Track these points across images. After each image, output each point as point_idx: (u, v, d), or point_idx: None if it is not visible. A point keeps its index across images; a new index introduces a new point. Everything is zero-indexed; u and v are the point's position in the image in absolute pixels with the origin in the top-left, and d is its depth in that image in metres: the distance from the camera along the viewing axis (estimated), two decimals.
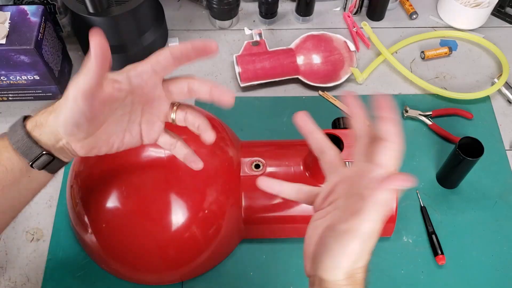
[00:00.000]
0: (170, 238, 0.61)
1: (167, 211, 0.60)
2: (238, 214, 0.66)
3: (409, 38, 0.94)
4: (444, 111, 0.85)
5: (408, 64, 0.92)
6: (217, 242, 0.65)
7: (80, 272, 0.70)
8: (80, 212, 0.63)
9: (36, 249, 0.72)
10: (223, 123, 0.72)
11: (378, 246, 0.72)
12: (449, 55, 0.93)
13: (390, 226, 0.69)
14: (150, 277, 0.66)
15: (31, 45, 0.74)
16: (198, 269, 0.68)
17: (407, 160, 0.80)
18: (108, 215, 0.60)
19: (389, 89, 0.89)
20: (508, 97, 0.88)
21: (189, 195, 0.61)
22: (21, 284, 0.69)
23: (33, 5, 0.78)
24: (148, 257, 0.62)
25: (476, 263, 0.72)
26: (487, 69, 0.92)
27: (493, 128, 0.84)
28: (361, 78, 0.88)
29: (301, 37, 0.90)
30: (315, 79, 0.87)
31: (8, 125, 0.51)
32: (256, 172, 0.66)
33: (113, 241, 0.62)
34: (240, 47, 0.89)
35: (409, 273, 0.71)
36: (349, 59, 0.89)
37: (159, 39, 0.91)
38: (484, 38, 0.94)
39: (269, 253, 0.71)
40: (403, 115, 0.84)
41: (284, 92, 0.88)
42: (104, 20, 0.80)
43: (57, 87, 0.83)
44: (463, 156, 0.70)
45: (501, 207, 0.76)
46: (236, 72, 0.87)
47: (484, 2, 0.94)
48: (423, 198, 0.76)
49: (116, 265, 0.66)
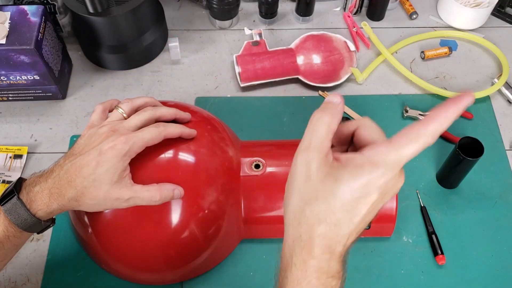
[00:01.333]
0: (170, 238, 0.61)
1: (167, 211, 0.60)
2: (238, 214, 0.66)
3: (409, 38, 0.94)
4: None
5: (408, 64, 0.92)
6: (217, 242, 0.65)
7: (80, 272, 0.70)
8: (80, 212, 0.63)
9: (36, 249, 0.72)
10: (223, 123, 0.72)
11: (378, 246, 0.73)
12: (449, 55, 0.93)
13: (390, 226, 0.69)
14: (150, 277, 0.66)
15: (31, 45, 0.74)
16: (198, 269, 0.67)
17: None
18: (108, 215, 0.60)
19: (389, 89, 0.89)
20: (508, 97, 0.88)
21: (189, 195, 0.61)
22: (21, 284, 0.69)
23: (33, 5, 0.78)
24: (148, 257, 0.62)
25: (476, 263, 0.72)
26: (487, 69, 0.92)
27: (493, 128, 0.84)
28: (361, 78, 0.88)
29: (301, 37, 0.90)
30: (315, 79, 0.87)
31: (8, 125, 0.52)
32: (256, 172, 0.66)
33: (113, 241, 0.62)
34: (240, 47, 0.89)
35: (409, 273, 0.71)
36: (349, 59, 0.89)
37: (159, 39, 0.91)
38: (484, 38, 0.94)
39: (269, 253, 0.71)
40: (403, 115, 0.84)
41: (284, 92, 0.88)
42: (104, 20, 0.81)
43: (57, 87, 0.83)
44: (463, 156, 0.70)
45: (501, 207, 0.76)
46: (236, 72, 0.87)
47: (484, 2, 0.94)
48: (423, 198, 0.76)
49: (116, 265, 0.66)
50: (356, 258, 0.71)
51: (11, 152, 0.79)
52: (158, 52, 0.92)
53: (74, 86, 0.88)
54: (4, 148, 0.79)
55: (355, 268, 0.71)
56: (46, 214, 0.54)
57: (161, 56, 0.92)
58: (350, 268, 0.70)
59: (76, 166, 0.53)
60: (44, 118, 0.85)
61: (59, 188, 0.53)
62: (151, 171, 0.62)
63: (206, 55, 0.93)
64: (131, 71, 0.90)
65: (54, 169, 0.55)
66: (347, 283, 0.70)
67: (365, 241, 0.72)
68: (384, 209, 0.67)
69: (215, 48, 0.94)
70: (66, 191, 0.53)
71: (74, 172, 0.53)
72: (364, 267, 0.71)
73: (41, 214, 0.54)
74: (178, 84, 0.89)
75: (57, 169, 0.54)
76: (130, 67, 0.90)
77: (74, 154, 0.55)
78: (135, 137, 0.54)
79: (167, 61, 0.92)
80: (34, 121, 0.84)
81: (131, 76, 0.90)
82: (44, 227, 0.56)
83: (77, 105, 0.86)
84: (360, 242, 0.72)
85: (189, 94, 0.88)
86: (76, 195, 0.53)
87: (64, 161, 0.55)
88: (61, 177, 0.53)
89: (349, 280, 0.70)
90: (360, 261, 0.71)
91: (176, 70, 0.91)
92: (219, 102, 0.86)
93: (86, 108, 0.86)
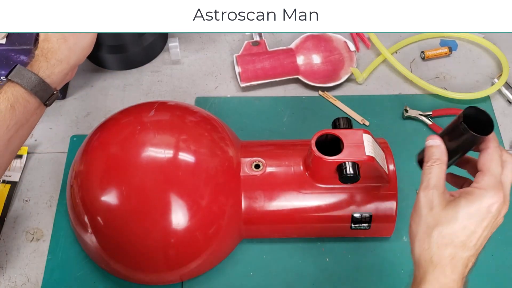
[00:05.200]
0: (170, 238, 0.61)
1: (167, 211, 0.60)
2: (238, 214, 0.66)
3: (409, 38, 0.94)
4: (444, 111, 0.85)
5: (408, 64, 0.92)
6: (217, 242, 0.65)
7: (80, 272, 0.70)
8: (80, 212, 0.63)
9: (36, 249, 0.72)
10: (223, 123, 0.73)
11: (378, 246, 0.72)
12: (449, 55, 0.93)
13: (390, 226, 0.69)
14: (150, 277, 0.66)
15: (31, 45, 0.74)
16: (198, 269, 0.67)
17: (407, 160, 0.79)
18: (108, 215, 0.60)
19: (389, 89, 0.89)
20: (508, 97, 0.88)
21: (189, 195, 0.61)
22: (21, 284, 0.69)
23: None
24: (148, 257, 0.62)
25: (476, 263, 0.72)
26: (487, 69, 0.92)
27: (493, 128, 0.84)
28: (361, 78, 0.88)
29: (301, 37, 0.90)
30: (315, 79, 0.87)
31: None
32: (256, 172, 0.66)
33: (113, 241, 0.62)
34: (240, 47, 0.89)
35: (409, 273, 0.70)
36: (349, 59, 0.89)
37: (159, 39, 0.91)
38: (484, 38, 0.94)
39: (269, 253, 0.71)
40: (403, 115, 0.84)
41: (284, 92, 0.88)
42: None
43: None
44: (470, 131, 0.49)
45: None
46: (236, 72, 0.87)
47: None
48: None
49: (116, 265, 0.66)
50: (356, 258, 0.71)
51: None
52: (158, 52, 0.92)
53: (74, 86, 0.88)
54: None
55: (355, 268, 0.71)
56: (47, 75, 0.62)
57: (161, 56, 0.92)
58: (350, 268, 0.70)
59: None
60: (44, 118, 0.84)
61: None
62: (151, 171, 0.62)
63: (206, 55, 0.93)
64: (131, 71, 0.90)
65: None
66: (347, 283, 0.70)
67: (365, 241, 0.72)
68: (384, 209, 0.67)
69: (215, 48, 0.94)
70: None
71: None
72: (364, 267, 0.71)
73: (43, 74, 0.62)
74: (178, 84, 0.89)
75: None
76: (130, 67, 0.90)
77: None
78: None
79: (167, 61, 0.92)
80: None
81: (131, 76, 0.90)
82: (50, 93, 0.62)
83: (77, 105, 0.86)
84: (360, 242, 0.72)
85: (189, 94, 0.87)
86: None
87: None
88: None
89: (349, 280, 0.70)
90: (360, 261, 0.71)
91: (176, 70, 0.91)
92: (219, 102, 0.86)
93: (86, 108, 0.86)
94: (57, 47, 0.63)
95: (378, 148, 0.65)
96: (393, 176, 0.67)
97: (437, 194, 0.49)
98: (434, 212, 0.48)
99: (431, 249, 0.48)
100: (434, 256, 0.48)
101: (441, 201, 0.49)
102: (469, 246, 0.48)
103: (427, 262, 0.48)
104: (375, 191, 0.66)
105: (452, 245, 0.48)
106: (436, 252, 0.48)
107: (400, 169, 0.76)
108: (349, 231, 0.69)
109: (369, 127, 0.83)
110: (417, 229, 0.50)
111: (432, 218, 0.48)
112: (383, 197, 0.67)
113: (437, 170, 0.50)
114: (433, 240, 0.48)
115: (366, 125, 0.83)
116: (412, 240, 0.50)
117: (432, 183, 0.50)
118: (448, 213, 0.48)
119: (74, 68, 0.68)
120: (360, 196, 0.66)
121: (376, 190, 0.66)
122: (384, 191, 0.66)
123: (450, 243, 0.48)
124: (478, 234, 0.48)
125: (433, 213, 0.48)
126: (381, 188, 0.66)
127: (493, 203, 0.47)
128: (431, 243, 0.48)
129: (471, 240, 0.48)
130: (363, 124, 0.83)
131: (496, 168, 0.49)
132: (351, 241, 0.72)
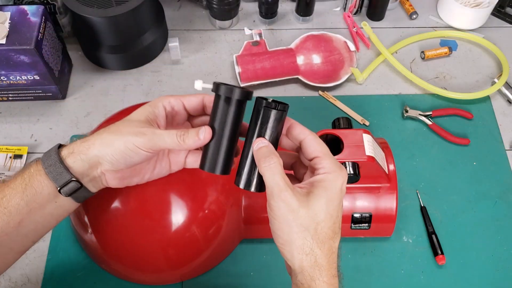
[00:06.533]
0: (170, 238, 0.61)
1: (167, 211, 0.60)
2: (238, 214, 0.66)
3: (409, 38, 0.94)
4: (444, 111, 0.85)
5: (408, 64, 0.92)
6: (217, 242, 0.65)
7: (80, 272, 0.70)
8: (80, 212, 0.63)
9: (36, 249, 0.72)
10: None
11: (378, 246, 0.73)
12: (449, 55, 0.93)
13: (390, 226, 0.69)
14: (150, 277, 0.66)
15: (31, 45, 0.74)
16: (198, 269, 0.68)
17: (407, 160, 0.80)
18: (108, 215, 0.60)
19: (389, 89, 0.89)
20: (508, 97, 0.88)
21: (189, 195, 0.61)
22: (21, 284, 0.69)
23: (33, 5, 0.78)
24: (148, 257, 0.62)
25: (476, 263, 0.72)
26: (487, 69, 0.92)
27: (493, 128, 0.84)
28: (361, 78, 0.88)
29: (301, 37, 0.90)
30: (315, 79, 0.87)
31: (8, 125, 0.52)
32: None
33: (113, 241, 0.62)
34: (240, 47, 0.89)
35: (409, 273, 0.71)
36: (349, 59, 0.89)
37: (159, 39, 0.91)
38: (484, 38, 0.94)
39: (269, 253, 0.71)
40: (403, 115, 0.85)
41: (284, 92, 0.88)
42: (104, 20, 0.81)
43: (57, 87, 0.83)
44: (270, 107, 0.49)
45: (501, 207, 0.76)
46: (236, 72, 0.87)
47: (484, 2, 0.94)
48: (423, 198, 0.76)
49: (116, 265, 0.66)
50: (356, 258, 0.71)
51: (11, 152, 0.79)
52: (158, 52, 0.92)
53: (74, 86, 0.88)
54: (4, 148, 0.79)
55: (355, 268, 0.71)
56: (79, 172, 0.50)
57: (161, 56, 0.93)
58: (350, 268, 0.70)
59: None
60: (44, 118, 0.85)
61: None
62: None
63: (206, 55, 0.93)
64: (131, 71, 0.90)
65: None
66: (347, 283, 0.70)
67: (365, 241, 0.72)
68: (384, 209, 0.67)
69: (215, 48, 0.94)
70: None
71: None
72: (364, 267, 0.71)
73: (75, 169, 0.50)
74: (178, 84, 0.89)
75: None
76: (130, 67, 0.90)
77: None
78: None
79: (167, 61, 0.92)
80: (34, 121, 0.84)
81: (131, 76, 0.90)
82: (77, 188, 0.50)
83: (77, 105, 0.86)
84: (360, 242, 0.72)
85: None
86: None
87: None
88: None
89: (349, 280, 0.70)
90: (360, 261, 0.71)
91: (176, 70, 0.91)
92: None
93: (86, 108, 0.86)
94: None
95: (378, 148, 0.65)
96: (393, 176, 0.67)
97: (291, 194, 0.45)
98: (300, 214, 0.45)
99: (314, 251, 0.45)
100: (318, 258, 0.45)
101: (298, 199, 0.45)
102: (338, 232, 0.47)
103: (312, 266, 0.45)
104: (375, 191, 0.66)
105: (327, 239, 0.46)
106: (319, 253, 0.45)
107: (400, 169, 0.76)
108: (349, 231, 0.69)
109: (369, 127, 0.83)
110: (290, 237, 0.45)
111: (301, 220, 0.45)
112: (383, 197, 0.67)
113: (277, 168, 0.45)
114: (313, 241, 0.45)
115: (366, 125, 0.83)
116: (287, 249, 0.46)
117: (281, 185, 0.45)
118: (315, 208, 0.45)
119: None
120: (360, 196, 0.66)
121: (376, 190, 0.66)
122: (384, 191, 0.66)
123: (326, 237, 0.45)
124: (339, 217, 0.47)
125: (299, 215, 0.45)
126: (381, 188, 0.66)
127: (343, 182, 0.47)
128: (313, 245, 0.45)
129: (337, 226, 0.47)
130: (363, 124, 0.84)
131: (327, 149, 0.48)
132: (351, 241, 0.72)
